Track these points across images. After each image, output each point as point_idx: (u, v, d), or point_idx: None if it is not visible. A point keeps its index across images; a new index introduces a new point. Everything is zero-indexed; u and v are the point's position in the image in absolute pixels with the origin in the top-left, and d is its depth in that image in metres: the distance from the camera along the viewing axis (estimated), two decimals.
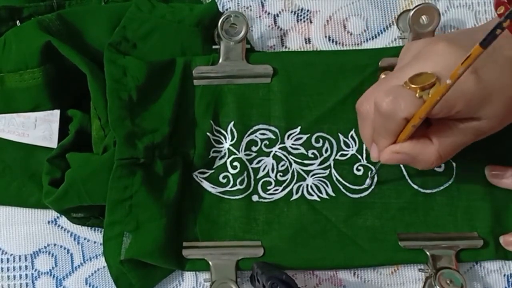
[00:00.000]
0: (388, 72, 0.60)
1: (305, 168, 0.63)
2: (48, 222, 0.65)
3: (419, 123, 0.49)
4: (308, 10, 0.67)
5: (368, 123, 0.54)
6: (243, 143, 0.63)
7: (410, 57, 0.53)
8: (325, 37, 0.66)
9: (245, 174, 0.63)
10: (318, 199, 0.63)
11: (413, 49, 0.54)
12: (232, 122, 0.63)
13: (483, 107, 0.49)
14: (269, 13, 0.67)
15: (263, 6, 0.67)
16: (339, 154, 0.63)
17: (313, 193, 0.63)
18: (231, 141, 0.63)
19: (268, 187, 0.63)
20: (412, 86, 0.48)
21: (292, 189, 0.63)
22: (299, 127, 0.63)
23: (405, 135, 0.51)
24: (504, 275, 0.63)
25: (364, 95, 0.55)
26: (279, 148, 0.63)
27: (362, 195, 0.63)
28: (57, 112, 0.62)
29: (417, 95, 0.48)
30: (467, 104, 0.49)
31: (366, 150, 0.63)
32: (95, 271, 0.64)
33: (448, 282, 0.59)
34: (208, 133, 0.62)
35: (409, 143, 0.52)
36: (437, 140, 0.52)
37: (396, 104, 0.49)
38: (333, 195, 0.63)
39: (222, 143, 0.63)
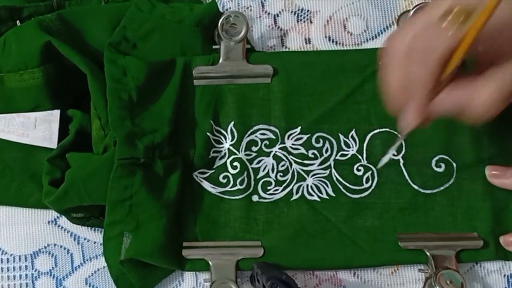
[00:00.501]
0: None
1: (305, 168, 0.63)
2: (48, 222, 0.65)
3: (465, 53, 0.45)
4: (308, 10, 0.67)
5: (401, 68, 0.48)
6: (243, 143, 0.63)
7: None
8: (325, 37, 0.66)
9: (245, 174, 0.63)
10: (318, 199, 0.63)
11: None
12: (232, 122, 0.63)
13: None
14: (269, 13, 0.67)
15: (263, 6, 0.67)
16: (339, 154, 0.63)
17: (313, 193, 0.63)
18: (231, 141, 0.63)
19: (268, 187, 0.63)
20: (447, 20, 0.45)
21: (292, 189, 0.63)
22: (299, 127, 0.63)
23: (451, 67, 0.46)
24: (504, 276, 0.63)
25: (391, 36, 0.50)
26: (279, 148, 0.63)
27: (362, 195, 0.63)
28: (57, 112, 0.63)
29: (454, 29, 0.45)
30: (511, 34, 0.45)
31: (366, 150, 0.63)
32: (95, 271, 0.64)
33: (448, 282, 0.59)
34: (208, 133, 0.62)
35: (460, 84, 0.48)
36: (493, 80, 0.47)
37: (433, 40, 0.45)
38: (333, 195, 0.63)
39: (222, 143, 0.63)
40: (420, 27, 0.46)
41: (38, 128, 0.62)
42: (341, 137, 0.63)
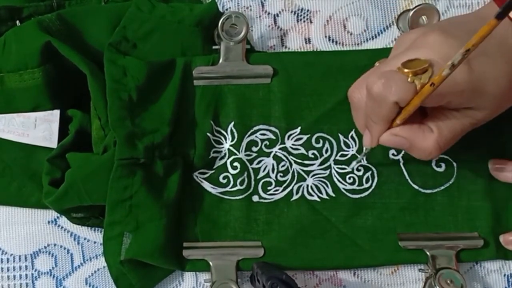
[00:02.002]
0: (383, 60, 0.60)
1: (305, 169, 0.63)
2: (48, 222, 0.65)
3: (414, 110, 0.49)
4: (308, 10, 0.67)
5: (361, 111, 0.54)
6: (244, 144, 0.63)
7: (403, 48, 0.53)
8: (325, 37, 0.66)
9: (245, 175, 0.63)
10: (318, 199, 0.63)
11: (406, 40, 0.54)
12: (233, 123, 0.63)
13: (476, 98, 0.49)
14: (269, 13, 0.67)
15: (263, 6, 0.67)
16: (339, 154, 0.63)
17: (313, 193, 0.63)
18: (231, 141, 0.63)
19: (269, 188, 0.63)
20: (405, 70, 0.48)
21: (292, 189, 0.63)
22: (299, 128, 0.63)
23: (402, 119, 0.50)
24: (504, 275, 0.63)
25: (355, 83, 0.55)
26: (280, 149, 0.63)
27: (362, 195, 0.63)
28: (57, 112, 0.63)
29: (409, 79, 0.48)
30: (459, 95, 0.49)
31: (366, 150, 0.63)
32: (95, 271, 0.64)
33: (448, 282, 0.59)
34: (208, 134, 0.62)
35: (409, 127, 0.52)
36: (436, 128, 0.51)
37: (387, 87, 0.48)
38: (333, 195, 0.63)
39: (222, 144, 0.63)
40: (379, 74, 0.50)
41: (38, 128, 0.62)
42: (341, 137, 0.63)
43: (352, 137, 0.63)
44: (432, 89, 0.47)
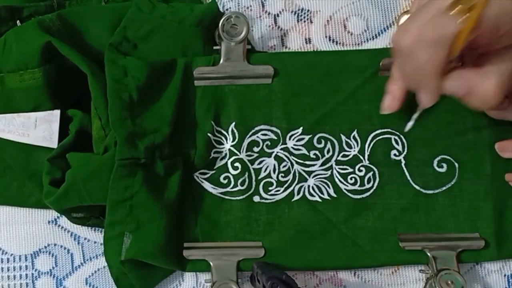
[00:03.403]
0: (408, 12, 0.57)
1: (306, 169, 0.63)
2: (49, 222, 0.65)
3: (470, 37, 0.47)
4: (308, 10, 0.67)
5: (413, 56, 0.50)
6: (245, 144, 0.63)
7: None
8: (326, 37, 0.66)
9: (246, 175, 0.63)
10: (319, 199, 0.63)
11: None
12: (234, 123, 0.63)
13: None
14: (269, 13, 0.67)
15: (263, 6, 0.67)
16: (341, 155, 0.63)
17: (314, 194, 0.63)
18: (232, 141, 0.63)
19: (270, 188, 0.63)
20: (454, 12, 0.46)
21: (293, 190, 0.63)
22: (301, 128, 0.63)
23: (457, 47, 0.48)
24: (505, 275, 0.64)
25: (400, 29, 0.51)
26: (281, 149, 0.63)
27: (364, 196, 0.63)
28: (57, 112, 0.62)
29: (461, 19, 0.46)
30: None
31: (368, 150, 0.63)
32: (95, 271, 0.64)
33: (449, 283, 0.59)
34: (209, 134, 0.62)
35: (466, 72, 0.50)
36: (493, 72, 0.50)
37: (443, 29, 0.47)
38: (335, 195, 0.63)
39: (223, 144, 0.63)
40: (429, 16, 0.48)
41: (39, 128, 0.62)
42: (343, 137, 0.63)
43: (354, 137, 0.63)
44: (479, 16, 0.45)
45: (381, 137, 0.63)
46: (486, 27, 0.46)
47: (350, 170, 0.63)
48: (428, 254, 0.61)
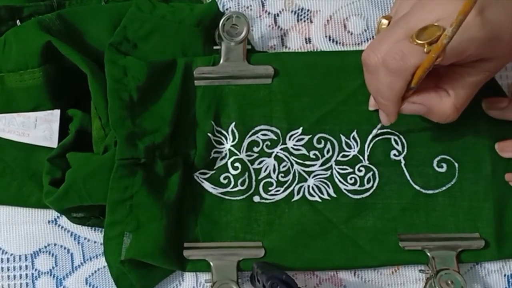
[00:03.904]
0: (388, 17, 0.57)
1: (306, 169, 0.63)
2: (49, 222, 0.65)
3: (430, 69, 0.49)
4: (308, 10, 0.67)
5: (376, 76, 0.53)
6: (245, 144, 0.63)
7: (408, 5, 0.53)
8: (326, 36, 0.66)
9: (246, 175, 0.63)
10: (319, 200, 0.63)
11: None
12: (234, 123, 0.63)
13: (493, 47, 0.49)
14: (269, 13, 0.67)
15: (263, 5, 0.67)
16: (340, 155, 0.63)
17: (314, 194, 0.63)
18: (232, 141, 0.63)
19: (270, 188, 0.63)
20: (419, 42, 0.48)
21: (293, 190, 0.63)
22: (301, 128, 0.63)
23: (416, 79, 0.50)
24: (505, 275, 0.64)
25: (370, 46, 0.53)
26: (281, 149, 0.63)
27: (364, 196, 0.63)
28: (57, 112, 0.62)
29: (425, 50, 0.48)
30: (478, 47, 0.49)
31: (367, 151, 0.63)
32: (95, 271, 0.64)
33: (449, 282, 0.59)
34: (209, 134, 0.62)
35: (425, 93, 0.53)
36: (452, 91, 0.53)
37: (405, 61, 0.49)
38: (334, 196, 0.63)
39: (223, 144, 0.63)
40: (396, 39, 0.50)
41: (39, 128, 0.62)
42: (343, 138, 0.63)
43: (353, 137, 0.63)
44: (443, 49, 0.46)
45: (380, 137, 0.63)
46: (450, 54, 0.48)
47: (350, 170, 0.63)
48: (428, 254, 0.61)
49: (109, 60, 0.60)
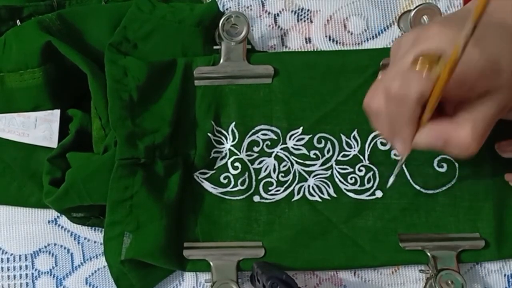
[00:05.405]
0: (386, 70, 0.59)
1: (306, 169, 0.63)
2: (49, 221, 0.65)
3: (437, 101, 0.47)
4: (308, 10, 0.67)
5: (383, 119, 0.51)
6: (245, 144, 0.63)
7: (404, 49, 0.51)
8: (326, 36, 0.66)
9: (246, 175, 0.63)
10: (319, 199, 0.63)
11: (405, 41, 0.52)
12: (234, 123, 0.63)
13: (495, 77, 0.48)
14: (269, 13, 0.67)
15: (263, 5, 0.67)
16: (341, 154, 0.63)
17: (314, 193, 0.63)
18: (232, 141, 0.63)
19: (270, 188, 0.63)
20: (419, 65, 0.47)
21: (293, 189, 0.63)
22: (301, 128, 0.63)
23: (428, 113, 0.49)
24: (505, 275, 0.63)
25: (369, 93, 0.53)
26: (281, 149, 0.63)
27: (364, 195, 0.63)
28: (57, 112, 0.62)
29: (424, 73, 0.46)
30: (478, 77, 0.47)
31: (368, 150, 0.63)
32: (95, 271, 0.64)
33: (449, 282, 0.59)
34: (209, 134, 0.62)
35: (440, 124, 0.50)
36: (468, 120, 0.49)
37: (406, 86, 0.47)
38: (335, 195, 0.63)
39: (223, 144, 0.63)
40: (392, 76, 0.49)
41: (39, 128, 0.62)
42: (343, 137, 0.63)
43: (354, 137, 0.63)
44: (449, 74, 0.45)
45: (381, 137, 0.63)
46: (451, 85, 0.46)
47: (350, 170, 0.63)
48: (428, 254, 0.61)
49: (109, 60, 0.60)
